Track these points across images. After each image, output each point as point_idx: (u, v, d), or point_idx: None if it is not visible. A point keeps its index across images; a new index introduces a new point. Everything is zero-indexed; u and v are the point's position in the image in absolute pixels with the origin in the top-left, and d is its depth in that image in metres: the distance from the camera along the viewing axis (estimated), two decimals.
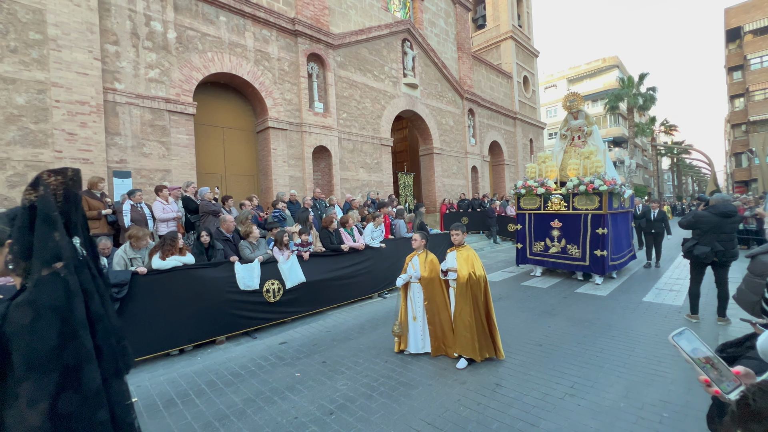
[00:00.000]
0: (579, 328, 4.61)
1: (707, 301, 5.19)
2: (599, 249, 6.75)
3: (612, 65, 43.10)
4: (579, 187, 6.90)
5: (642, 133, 34.79)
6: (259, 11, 9.11)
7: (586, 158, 7.41)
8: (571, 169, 7.41)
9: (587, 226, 6.91)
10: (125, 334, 1.27)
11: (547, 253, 7.57)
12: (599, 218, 6.76)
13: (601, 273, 6.78)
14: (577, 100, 7.92)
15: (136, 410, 3.16)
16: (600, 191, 6.67)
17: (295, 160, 10.05)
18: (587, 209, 6.92)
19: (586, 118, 7.96)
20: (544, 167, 7.96)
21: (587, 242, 6.90)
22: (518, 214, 8.15)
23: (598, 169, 7.10)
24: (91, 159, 6.59)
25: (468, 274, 3.61)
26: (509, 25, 20.29)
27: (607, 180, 6.67)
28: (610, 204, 6.79)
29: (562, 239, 7.31)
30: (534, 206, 7.75)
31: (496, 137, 19.37)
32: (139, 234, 4.33)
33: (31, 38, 6.14)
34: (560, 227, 7.33)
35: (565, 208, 7.23)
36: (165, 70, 7.70)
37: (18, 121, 6.00)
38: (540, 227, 7.69)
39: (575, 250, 7.12)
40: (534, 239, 7.80)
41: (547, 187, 7.44)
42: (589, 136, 7.91)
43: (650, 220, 8.57)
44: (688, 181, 64.29)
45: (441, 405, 2.94)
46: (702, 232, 4.55)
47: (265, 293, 4.89)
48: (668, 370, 3.37)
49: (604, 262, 6.71)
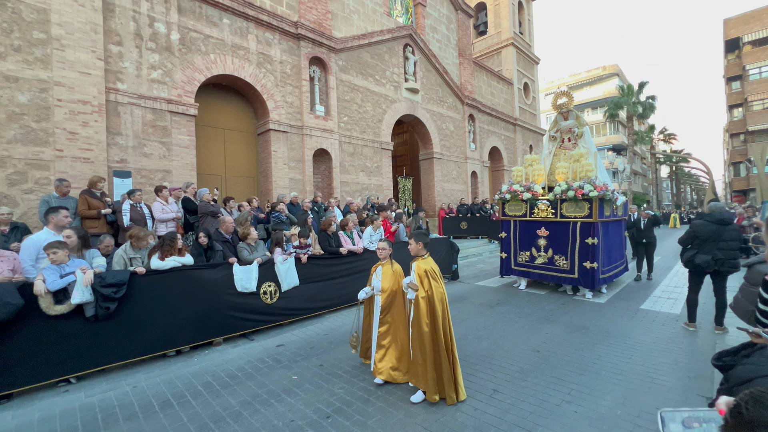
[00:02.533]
0: (577, 334, 4.61)
1: (705, 309, 5.21)
2: (589, 260, 6.24)
3: (612, 73, 43.41)
4: (567, 192, 6.39)
5: (641, 141, 34.96)
6: (262, 14, 9.17)
7: (576, 161, 6.87)
8: (560, 173, 6.84)
9: (576, 235, 6.40)
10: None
11: (533, 264, 7.01)
12: (589, 227, 6.27)
13: (590, 287, 6.29)
14: (568, 100, 7.42)
15: (132, 410, 3.15)
16: (590, 197, 6.16)
17: (295, 163, 10.07)
18: (576, 217, 6.40)
19: (576, 118, 7.44)
20: (531, 171, 7.41)
21: (576, 253, 6.39)
22: (502, 221, 7.59)
23: (589, 173, 6.52)
24: (91, 158, 6.59)
25: (425, 291, 3.07)
26: (510, 32, 20.45)
27: (597, 185, 6.16)
28: (601, 211, 6.29)
29: (549, 249, 6.77)
30: (519, 213, 7.21)
31: (496, 143, 19.45)
32: (140, 234, 4.32)
33: (35, 37, 6.17)
34: (547, 236, 6.80)
35: (552, 215, 6.71)
36: (167, 71, 7.73)
37: (20, 119, 6.01)
38: (526, 235, 7.15)
39: (563, 261, 6.59)
40: (519, 248, 7.26)
41: (534, 192, 6.92)
42: (579, 138, 7.38)
43: (641, 230, 8.05)
44: (687, 189, 64.53)
45: (438, 410, 2.94)
46: (701, 240, 4.57)
47: (262, 295, 4.88)
48: (665, 378, 3.38)
49: (594, 275, 6.21)
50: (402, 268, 3.63)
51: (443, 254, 8.06)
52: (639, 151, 43.79)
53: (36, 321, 3.36)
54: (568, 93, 7.51)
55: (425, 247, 3.24)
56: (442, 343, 3.02)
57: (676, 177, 50.63)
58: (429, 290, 3.05)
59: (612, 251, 6.96)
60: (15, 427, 2.88)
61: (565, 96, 7.46)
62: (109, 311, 3.65)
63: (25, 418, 3.01)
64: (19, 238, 4.48)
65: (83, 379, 3.66)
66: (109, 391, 3.45)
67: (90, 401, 3.26)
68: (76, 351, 3.55)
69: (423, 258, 3.22)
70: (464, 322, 5.24)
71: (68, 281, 3.51)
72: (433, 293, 3.05)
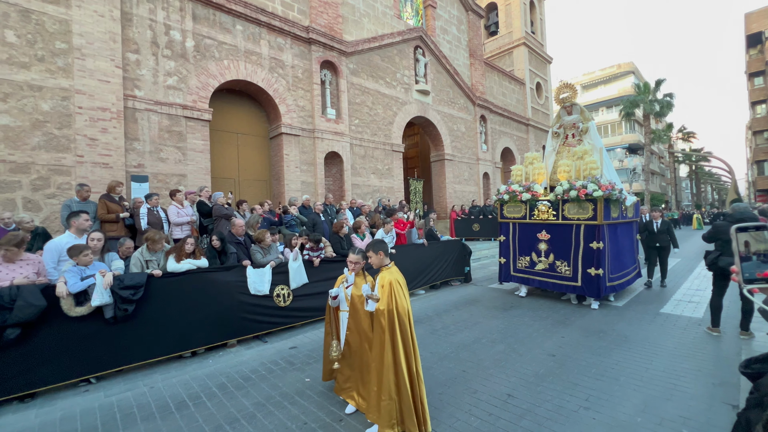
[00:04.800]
0: (594, 338, 4.50)
1: (729, 314, 5.01)
2: (593, 267, 5.74)
3: (627, 71, 42.51)
4: (570, 192, 5.88)
5: (659, 140, 34.11)
6: (274, 20, 9.30)
7: (580, 158, 6.30)
8: (562, 172, 6.33)
9: (579, 239, 5.91)
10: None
11: (533, 270, 6.51)
12: (593, 230, 5.78)
13: (595, 296, 5.78)
14: (571, 93, 6.89)
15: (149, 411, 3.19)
16: (594, 197, 5.67)
17: (307, 166, 10.15)
18: (579, 219, 5.90)
19: (581, 112, 6.89)
20: (532, 169, 6.87)
21: (579, 258, 5.91)
22: (501, 224, 7.09)
23: (593, 171, 5.99)
24: (110, 163, 6.78)
25: (386, 304, 2.63)
26: (522, 32, 20.24)
27: (602, 184, 5.65)
28: (607, 213, 5.81)
29: (550, 254, 6.27)
30: (519, 215, 6.72)
31: (509, 144, 19.23)
32: (155, 237, 4.42)
33: (57, 47, 6.39)
34: (548, 240, 6.31)
35: (553, 217, 6.21)
36: (183, 78, 7.90)
37: (43, 126, 6.23)
38: (525, 239, 6.66)
39: (565, 267, 6.09)
40: (518, 253, 6.77)
41: (534, 193, 6.45)
42: (584, 133, 6.82)
43: (653, 232, 7.29)
44: (708, 189, 62.58)
45: (451, 415, 2.90)
46: (723, 242, 4.42)
47: (275, 298, 4.92)
48: (688, 385, 3.26)
49: (599, 283, 5.69)
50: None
51: (455, 256, 7.99)
52: (656, 150, 42.72)
53: (58, 322, 3.46)
54: (572, 85, 6.97)
55: (387, 255, 2.88)
56: (403, 366, 2.57)
57: (696, 176, 49.16)
58: (391, 303, 2.62)
59: (621, 256, 6.48)
60: (38, 426, 2.96)
61: (569, 89, 6.93)
62: (127, 313, 3.73)
63: (47, 416, 3.09)
64: (40, 245, 4.60)
65: (102, 380, 3.75)
66: (127, 391, 3.52)
67: (109, 401, 3.33)
68: (95, 352, 3.64)
69: (387, 268, 2.84)
70: (477, 325, 5.18)
71: (89, 284, 3.60)
72: (396, 307, 2.61)
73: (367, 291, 2.76)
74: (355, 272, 3.05)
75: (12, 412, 3.18)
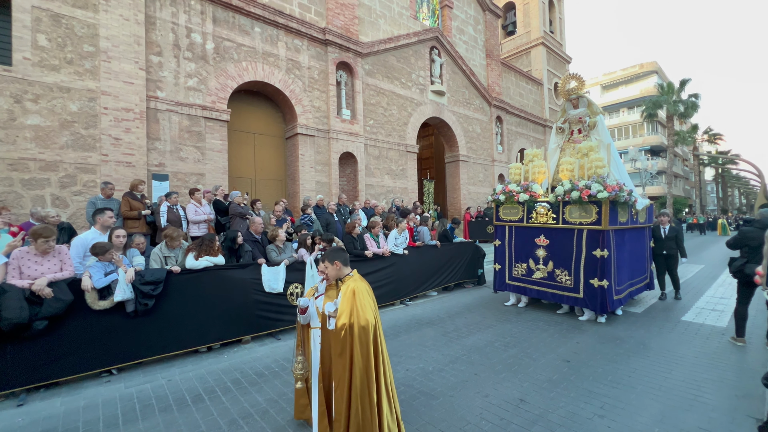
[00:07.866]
0: (610, 345, 4.40)
1: (755, 323, 4.82)
2: (597, 277, 5.17)
3: (650, 71, 41.23)
4: (571, 193, 5.28)
5: (683, 142, 32.95)
6: (291, 22, 9.44)
7: (584, 156, 5.71)
8: (564, 170, 5.74)
9: (581, 246, 5.35)
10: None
11: (530, 279, 5.96)
12: (597, 235, 5.20)
13: (599, 310, 5.20)
14: (577, 84, 6.29)
15: (166, 402, 3.26)
16: (598, 199, 5.06)
17: (321, 166, 10.25)
18: (582, 223, 5.33)
19: (588, 106, 6.27)
20: (532, 167, 6.26)
21: (581, 267, 5.34)
22: (497, 227, 6.52)
23: (599, 169, 5.38)
24: (133, 162, 7.02)
25: (347, 322, 2.22)
26: (540, 32, 19.91)
27: (608, 184, 5.03)
28: (613, 217, 5.22)
29: (550, 261, 5.70)
30: (515, 217, 6.15)
31: (525, 145, 18.95)
32: (173, 234, 4.55)
33: (85, 50, 6.66)
34: (547, 245, 5.75)
35: (553, 221, 5.65)
36: (202, 79, 8.11)
37: (71, 126, 6.50)
38: (522, 244, 6.09)
39: (566, 276, 5.52)
40: (515, 259, 6.20)
41: (532, 193, 5.89)
42: (592, 129, 6.23)
43: (660, 239, 6.62)
44: (735, 193, 60.15)
45: (461, 418, 2.89)
46: (750, 249, 4.25)
47: (289, 296, 5.00)
48: (709, 396, 3.15)
49: (604, 296, 5.13)
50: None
51: (468, 259, 7.93)
52: (680, 153, 41.31)
53: (82, 315, 3.61)
54: (578, 76, 6.32)
55: (346, 263, 2.46)
56: (364, 390, 2.20)
57: (722, 180, 47.32)
58: (352, 317, 2.22)
59: (630, 265, 5.97)
60: (63, 413, 3.09)
61: (575, 79, 6.31)
62: (147, 307, 3.86)
63: (71, 405, 3.23)
64: (66, 239, 4.81)
65: (123, 371, 3.88)
66: (147, 383, 3.63)
67: (129, 392, 3.45)
68: (117, 344, 3.78)
69: (350, 277, 2.44)
70: (490, 328, 5.13)
71: (112, 279, 3.75)
72: (356, 321, 2.21)
73: (330, 309, 2.37)
74: (327, 282, 2.54)
75: (39, 399, 3.34)
